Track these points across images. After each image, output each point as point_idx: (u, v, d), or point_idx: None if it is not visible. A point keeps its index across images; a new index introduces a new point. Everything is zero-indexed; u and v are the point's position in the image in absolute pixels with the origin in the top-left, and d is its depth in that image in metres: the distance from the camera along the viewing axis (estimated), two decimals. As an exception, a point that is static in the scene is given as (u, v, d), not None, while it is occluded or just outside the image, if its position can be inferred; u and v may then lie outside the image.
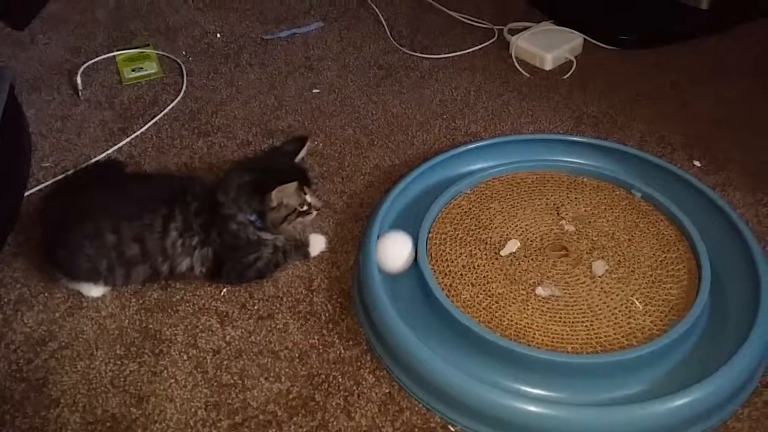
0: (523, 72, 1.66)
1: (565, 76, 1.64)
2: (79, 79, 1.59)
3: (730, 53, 1.71)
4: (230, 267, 1.12)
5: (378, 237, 1.12)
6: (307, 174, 1.13)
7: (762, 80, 1.61)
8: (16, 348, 1.05)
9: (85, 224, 1.07)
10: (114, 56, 1.70)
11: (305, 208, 1.11)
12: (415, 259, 1.11)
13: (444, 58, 1.71)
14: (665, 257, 1.12)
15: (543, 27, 1.74)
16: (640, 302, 1.05)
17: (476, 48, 1.74)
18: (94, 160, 1.39)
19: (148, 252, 1.08)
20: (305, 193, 1.11)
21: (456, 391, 0.94)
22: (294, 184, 1.08)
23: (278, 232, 1.12)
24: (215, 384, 1.00)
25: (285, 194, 1.08)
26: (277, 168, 1.12)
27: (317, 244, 1.20)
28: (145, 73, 1.65)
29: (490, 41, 1.76)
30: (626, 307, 1.04)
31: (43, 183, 1.34)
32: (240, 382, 1.00)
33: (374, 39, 1.78)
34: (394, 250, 1.11)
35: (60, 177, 1.34)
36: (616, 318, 1.03)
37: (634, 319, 1.03)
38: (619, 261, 1.12)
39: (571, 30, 1.72)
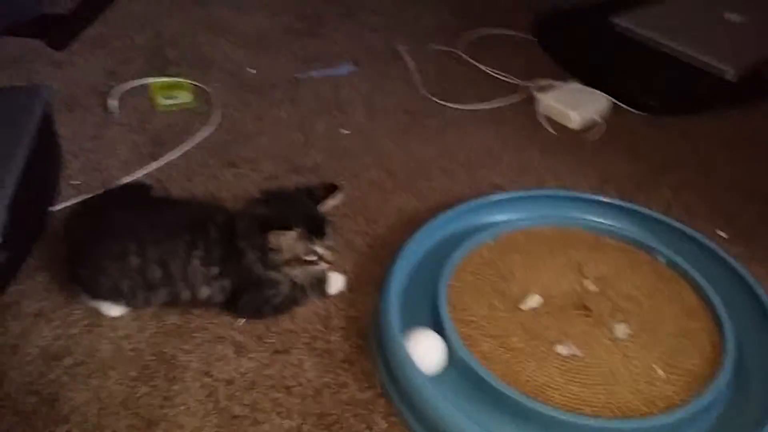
0: (549, 128, 1.68)
1: (592, 137, 1.66)
2: (113, 102, 1.62)
3: (758, 126, 1.73)
4: (247, 301, 1.12)
5: (406, 333, 1.04)
6: (324, 224, 1.10)
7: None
8: (31, 360, 1.04)
9: (111, 245, 1.08)
10: (149, 83, 1.73)
11: (312, 258, 1.09)
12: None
13: (471, 109, 1.73)
14: (688, 325, 1.11)
15: (571, 86, 1.77)
16: (662, 370, 1.04)
17: (503, 101, 1.76)
18: (122, 182, 1.41)
19: (171, 276, 1.08)
20: (313, 243, 1.09)
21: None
22: (293, 233, 1.06)
23: (281, 275, 1.11)
24: (226, 415, 0.99)
25: (284, 240, 1.06)
26: (293, 210, 1.09)
27: (336, 283, 1.20)
28: (179, 101, 1.68)
29: (518, 96, 1.79)
30: (648, 374, 1.03)
31: (70, 201, 1.35)
32: (251, 415, 0.99)
33: (403, 85, 1.81)
34: (424, 352, 1.02)
35: (87, 196, 1.35)
36: (637, 384, 1.02)
37: (656, 387, 1.01)
38: (641, 326, 1.11)
39: (599, 92, 1.75)
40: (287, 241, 1.06)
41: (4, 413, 0.96)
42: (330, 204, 1.13)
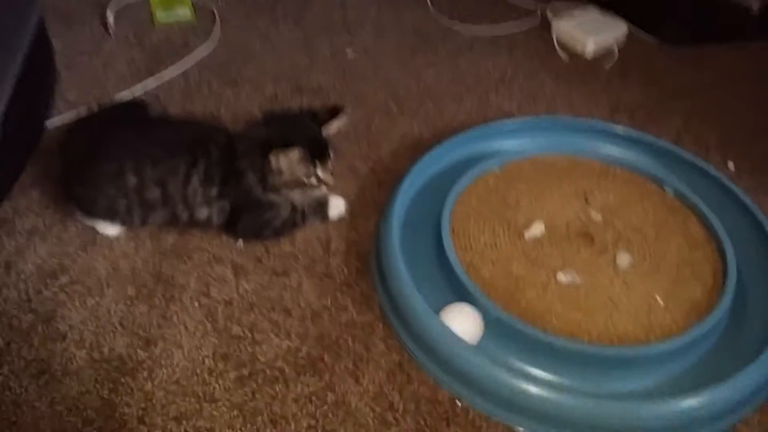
0: (563, 55, 1.62)
1: (606, 64, 1.60)
2: (110, 16, 1.57)
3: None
4: (246, 223, 1.10)
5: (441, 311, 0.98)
6: (326, 147, 1.08)
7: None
8: (26, 278, 1.04)
9: (107, 163, 1.05)
10: (148, -4, 1.66)
11: (312, 181, 1.07)
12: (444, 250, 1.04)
13: (483, 32, 1.67)
14: (691, 256, 1.09)
15: (587, 11, 1.70)
16: (662, 299, 1.03)
17: (517, 25, 1.70)
18: (118, 98, 1.37)
19: (169, 197, 1.06)
20: (315, 166, 1.06)
21: (467, 367, 0.92)
22: (296, 152, 1.03)
23: (281, 197, 1.09)
24: (225, 335, 0.99)
25: (285, 160, 1.04)
26: (295, 132, 1.07)
27: (337, 206, 1.18)
28: (179, 16, 1.62)
29: (532, 20, 1.72)
30: (647, 302, 1.02)
31: (65, 115, 1.32)
32: (250, 335, 0.99)
33: (413, 6, 1.75)
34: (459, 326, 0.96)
35: (83, 112, 1.31)
36: (636, 312, 1.01)
37: (655, 315, 1.00)
38: (644, 255, 1.09)
39: (616, 17, 1.68)
40: (288, 161, 1.04)
41: (0, 329, 0.96)
42: (334, 126, 1.09)
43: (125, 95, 1.38)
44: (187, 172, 1.06)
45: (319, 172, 1.07)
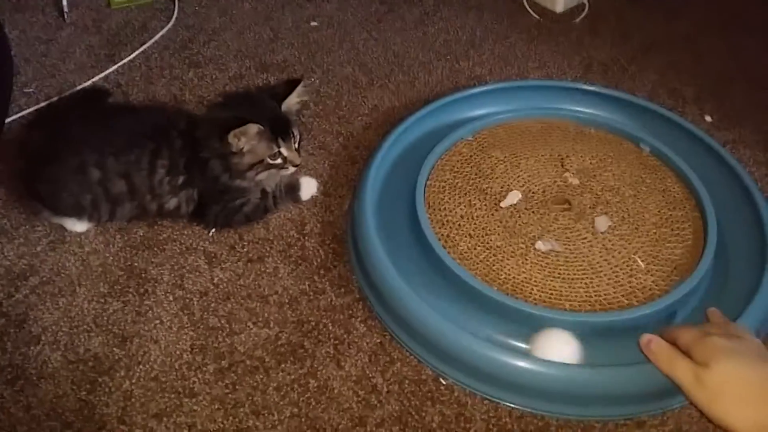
0: (533, 13, 1.59)
1: (577, 20, 1.57)
2: (65, 1, 1.51)
3: (748, 5, 1.64)
4: (216, 210, 1.08)
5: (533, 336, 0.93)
6: (288, 124, 1.04)
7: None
8: (-5, 282, 1.01)
9: (69, 158, 1.02)
10: (102, -23, 1.60)
11: (277, 161, 1.04)
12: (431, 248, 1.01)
13: (448, -4, 1.63)
14: (671, 215, 1.08)
15: (556, -34, 1.66)
16: (642, 261, 1.02)
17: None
18: (78, 87, 1.33)
19: (136, 189, 1.03)
20: (278, 145, 1.03)
21: (449, 344, 0.91)
22: (254, 128, 0.99)
23: (249, 181, 1.05)
24: (201, 327, 0.97)
25: (246, 138, 1.00)
26: (253, 111, 1.02)
27: (309, 187, 1.16)
28: (135, -4, 1.57)
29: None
30: (628, 266, 1.01)
31: (25, 110, 1.28)
32: (227, 325, 0.97)
33: (377, -29, 1.69)
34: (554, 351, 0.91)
35: (43, 104, 1.27)
36: (617, 276, 1.00)
37: (636, 278, 1.00)
38: (623, 217, 1.08)
39: (585, -29, 1.64)
40: (248, 140, 1.00)
41: (-29, 336, 0.94)
42: (293, 100, 1.06)
43: (86, 84, 1.34)
44: (151, 161, 1.03)
45: (283, 151, 1.04)
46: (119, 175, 1.02)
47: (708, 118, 1.33)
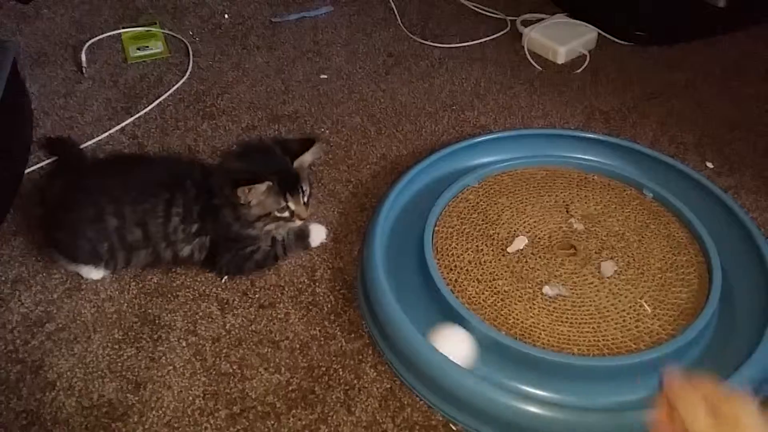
0: (535, 65, 1.63)
1: (578, 71, 1.61)
2: (83, 56, 1.57)
3: (747, 53, 1.69)
4: (228, 258, 1.10)
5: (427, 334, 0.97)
6: (297, 179, 1.05)
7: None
8: (12, 328, 1.03)
9: (86, 207, 1.05)
10: (119, 34, 1.67)
11: (285, 214, 1.06)
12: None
13: (455, 47, 1.68)
14: (676, 260, 1.10)
15: (557, 19, 1.71)
16: (648, 305, 1.03)
17: (488, 38, 1.71)
18: (95, 140, 1.37)
19: (151, 237, 1.06)
20: (286, 200, 1.05)
21: (459, 389, 0.92)
22: (263, 186, 1.02)
23: (258, 231, 1.07)
24: (214, 372, 0.98)
25: (252, 194, 1.02)
26: (264, 164, 1.05)
27: (318, 234, 1.18)
28: (151, 52, 1.62)
29: (503, 32, 1.73)
30: (635, 310, 1.03)
31: (44, 161, 1.31)
32: (239, 371, 0.99)
33: (384, 26, 1.75)
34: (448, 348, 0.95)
35: (54, 159, 1.31)
36: (624, 320, 1.01)
37: (643, 323, 1.01)
38: (628, 262, 1.10)
39: (585, 24, 1.69)
40: (256, 195, 1.03)
41: (-12, 381, 0.96)
42: (306, 159, 1.08)
43: (103, 136, 1.38)
44: (166, 210, 1.06)
45: (291, 205, 1.06)
46: (135, 224, 1.05)
47: (709, 165, 1.36)
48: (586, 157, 1.30)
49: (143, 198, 1.06)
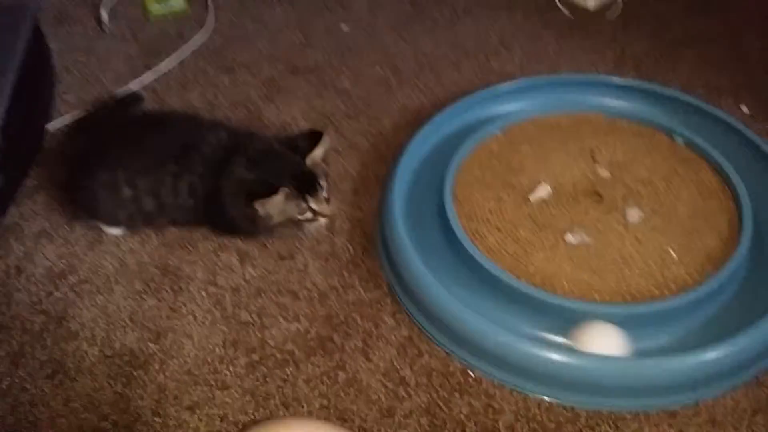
0: (565, 11, 1.57)
1: (610, 17, 1.55)
2: (104, 13, 1.56)
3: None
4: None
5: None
6: (314, 178, 1.03)
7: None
8: (36, 280, 1.05)
9: (103, 173, 1.04)
10: (140, -10, 1.65)
11: (308, 216, 1.03)
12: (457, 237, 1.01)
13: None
14: (705, 206, 1.06)
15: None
16: (675, 252, 1.00)
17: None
18: (116, 94, 1.37)
19: (165, 206, 1.05)
20: (307, 202, 1.02)
21: (477, 336, 0.91)
22: (281, 196, 0.99)
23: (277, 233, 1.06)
24: (233, 322, 0.99)
25: (273, 205, 1.00)
26: (278, 172, 1.01)
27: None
28: (171, 7, 1.61)
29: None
30: (660, 257, 1.00)
31: (66, 117, 1.32)
32: (258, 320, 0.99)
33: (407, -25, 1.70)
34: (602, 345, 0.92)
35: (83, 112, 1.32)
36: (649, 268, 0.98)
37: (669, 270, 0.98)
38: (655, 209, 1.06)
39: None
40: (275, 205, 1.00)
41: (13, 333, 0.98)
42: (317, 154, 1.05)
43: (123, 91, 1.38)
44: (174, 183, 1.04)
45: (313, 205, 1.03)
46: (147, 193, 1.04)
47: (745, 109, 1.30)
48: (614, 102, 1.25)
49: (154, 168, 1.04)
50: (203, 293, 1.03)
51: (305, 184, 1.02)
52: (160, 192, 1.04)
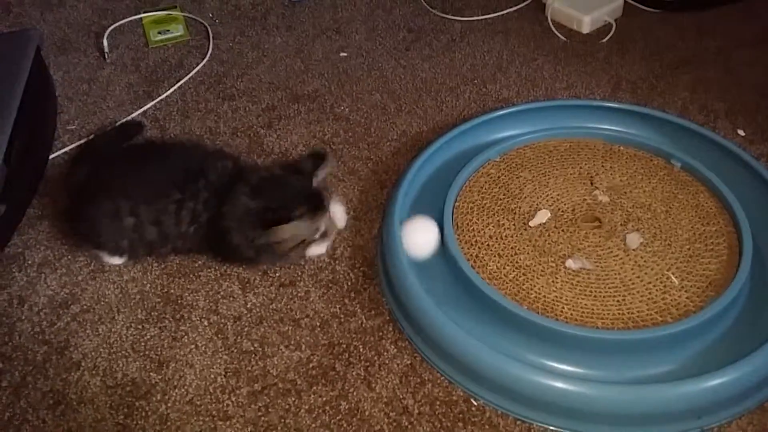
0: (560, 35, 1.59)
1: (604, 40, 1.57)
2: (105, 42, 1.58)
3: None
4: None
5: (401, 223, 1.06)
6: (322, 197, 1.04)
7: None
8: (39, 310, 1.05)
9: (105, 202, 1.04)
10: (141, 18, 1.67)
11: (319, 235, 1.05)
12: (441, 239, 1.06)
13: (477, 20, 1.65)
14: (704, 230, 1.07)
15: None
16: (676, 277, 1.00)
17: (511, 10, 1.67)
18: (117, 122, 1.38)
19: (167, 236, 1.05)
20: (318, 221, 1.03)
21: (480, 364, 0.91)
22: (294, 224, 1.00)
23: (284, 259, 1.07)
24: (235, 351, 0.99)
25: (289, 230, 1.01)
26: (287, 197, 1.02)
27: (341, 216, 1.15)
28: (172, 35, 1.63)
29: (525, 3, 1.69)
30: (661, 282, 1.00)
31: (68, 146, 1.33)
32: (260, 349, 0.99)
33: (404, 0, 1.72)
34: (418, 237, 1.05)
35: (83, 141, 1.33)
36: (650, 293, 0.99)
37: (670, 295, 0.98)
38: (654, 233, 1.07)
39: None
40: (291, 230, 1.01)
41: (16, 364, 0.98)
42: (321, 174, 1.06)
43: (125, 120, 1.39)
44: (177, 211, 1.04)
45: (322, 225, 1.04)
46: (150, 223, 1.04)
47: (741, 133, 1.31)
48: (612, 127, 1.26)
49: (155, 198, 1.04)
50: (205, 322, 1.03)
51: (315, 205, 1.03)
52: (162, 220, 1.04)
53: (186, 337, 1.01)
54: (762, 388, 0.91)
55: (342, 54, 1.57)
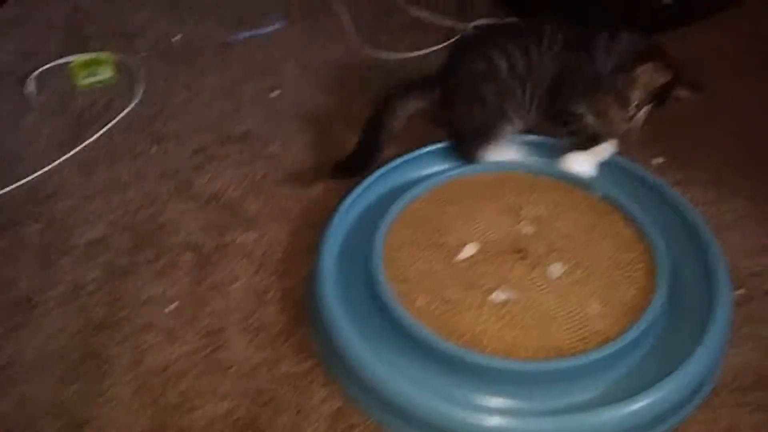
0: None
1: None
2: (31, 86, 1.55)
3: (694, 48, 1.68)
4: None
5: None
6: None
7: (726, 74, 1.58)
8: (-48, 371, 1.01)
9: (477, 63, 1.21)
10: (67, 62, 1.65)
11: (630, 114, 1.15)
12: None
13: (408, 57, 1.68)
14: (623, 258, 1.10)
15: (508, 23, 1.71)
16: (596, 304, 1.03)
17: (440, 47, 1.70)
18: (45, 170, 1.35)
19: (533, 65, 1.19)
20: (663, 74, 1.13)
21: (408, 403, 0.91)
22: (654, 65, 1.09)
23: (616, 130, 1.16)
24: (160, 405, 0.97)
25: (648, 74, 1.10)
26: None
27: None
28: (100, 78, 1.61)
29: (454, 40, 1.73)
30: (583, 310, 1.02)
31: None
32: (186, 402, 0.97)
33: (337, 38, 1.74)
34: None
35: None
36: (571, 322, 1.01)
37: (590, 323, 1.00)
38: (576, 263, 1.09)
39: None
40: (651, 74, 1.11)
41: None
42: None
43: (50, 167, 1.36)
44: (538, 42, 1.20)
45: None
46: (521, 52, 1.19)
47: (658, 160, 1.36)
48: (534, 159, 1.29)
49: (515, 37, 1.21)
50: (129, 376, 1.00)
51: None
52: (529, 48, 1.20)
53: (108, 392, 0.98)
54: (679, 410, 0.93)
55: (273, 93, 1.58)
